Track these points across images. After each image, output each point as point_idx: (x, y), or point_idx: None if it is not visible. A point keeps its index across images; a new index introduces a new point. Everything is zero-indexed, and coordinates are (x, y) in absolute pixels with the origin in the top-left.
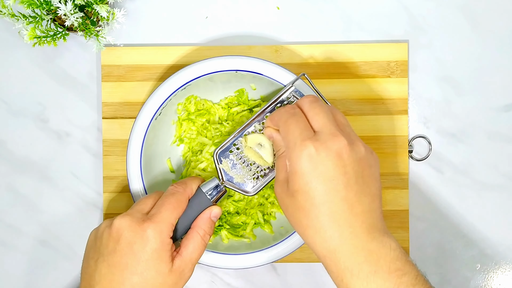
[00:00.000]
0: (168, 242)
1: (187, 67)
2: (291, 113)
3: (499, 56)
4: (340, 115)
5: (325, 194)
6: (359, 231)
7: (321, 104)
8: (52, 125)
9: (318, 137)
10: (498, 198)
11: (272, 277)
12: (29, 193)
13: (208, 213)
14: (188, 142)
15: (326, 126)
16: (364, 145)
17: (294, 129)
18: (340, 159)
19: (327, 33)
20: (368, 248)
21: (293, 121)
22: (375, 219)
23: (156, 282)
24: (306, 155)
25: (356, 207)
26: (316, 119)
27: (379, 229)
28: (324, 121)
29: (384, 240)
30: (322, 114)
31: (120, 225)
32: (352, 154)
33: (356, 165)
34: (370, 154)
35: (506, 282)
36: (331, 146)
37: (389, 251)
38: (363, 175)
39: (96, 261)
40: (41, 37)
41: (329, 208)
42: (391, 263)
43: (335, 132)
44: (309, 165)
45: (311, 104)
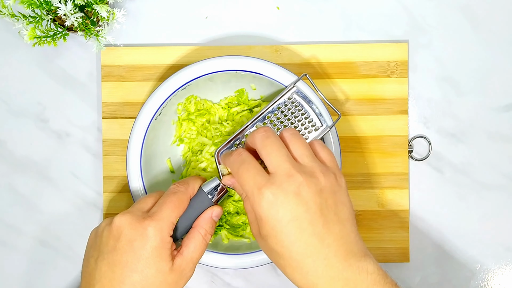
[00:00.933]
0: (168, 241)
1: (187, 67)
2: (240, 161)
3: (499, 56)
4: (297, 145)
5: (292, 234)
6: (334, 260)
7: (273, 140)
8: (52, 125)
9: (274, 180)
10: (498, 198)
11: (272, 277)
12: (29, 193)
13: (209, 213)
14: (188, 142)
15: (280, 166)
16: (324, 172)
17: (247, 178)
18: (299, 197)
19: (327, 33)
20: (344, 276)
21: (244, 170)
22: (349, 244)
23: (157, 280)
24: (265, 202)
25: (327, 238)
26: (269, 159)
27: (355, 253)
28: (278, 160)
29: (361, 265)
30: (274, 153)
31: (120, 222)
32: (311, 189)
33: (317, 197)
34: (333, 180)
35: (506, 282)
36: (287, 188)
37: (366, 276)
38: (328, 205)
39: (96, 260)
40: (41, 37)
41: (300, 247)
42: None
43: (290, 172)
44: (270, 211)
45: (263, 142)
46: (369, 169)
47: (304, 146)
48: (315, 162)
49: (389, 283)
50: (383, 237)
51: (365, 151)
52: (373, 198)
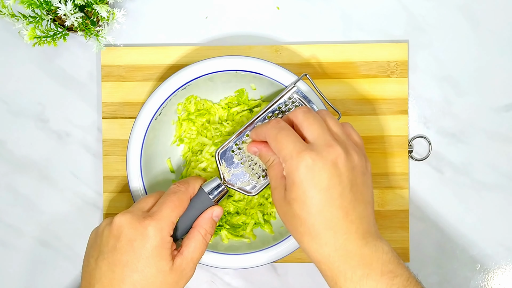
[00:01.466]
0: (169, 240)
1: (187, 67)
2: (278, 128)
3: (499, 56)
4: (333, 123)
5: (321, 203)
6: (353, 237)
7: (314, 115)
8: (52, 125)
9: (314, 148)
10: (498, 198)
11: (272, 277)
12: (29, 193)
13: (210, 213)
14: (188, 142)
15: (321, 137)
16: (358, 152)
17: (287, 143)
18: (336, 169)
19: (327, 33)
20: (361, 252)
21: (283, 135)
22: (368, 224)
23: (157, 280)
24: (303, 166)
25: (351, 214)
26: (310, 129)
27: (372, 234)
28: (319, 132)
29: (377, 244)
30: (316, 125)
31: (120, 222)
32: (347, 164)
33: (350, 174)
34: (364, 162)
35: (506, 282)
36: (326, 156)
37: (382, 255)
38: (357, 183)
39: (97, 259)
40: (41, 37)
41: (325, 217)
42: (384, 266)
43: (330, 142)
44: (306, 175)
45: (305, 115)
46: None
47: (339, 125)
48: (349, 141)
49: (402, 264)
50: (383, 237)
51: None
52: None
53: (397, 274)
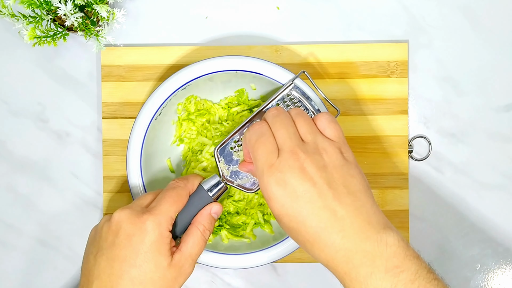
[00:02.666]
0: (167, 235)
1: (187, 67)
2: (259, 134)
3: (499, 56)
4: (302, 123)
5: (303, 209)
6: (350, 232)
7: (282, 118)
8: (52, 125)
9: (281, 158)
10: (498, 198)
11: (272, 277)
12: (29, 193)
13: (208, 209)
14: (188, 142)
15: (286, 143)
16: (328, 148)
17: (261, 154)
18: (304, 173)
19: (327, 33)
20: (362, 248)
21: (260, 144)
22: (365, 215)
23: (155, 275)
24: (273, 181)
25: (339, 211)
26: (277, 135)
27: (373, 225)
28: (284, 137)
29: (380, 237)
30: (282, 130)
31: (119, 217)
32: (315, 164)
33: (323, 172)
34: (337, 156)
35: (506, 282)
36: (292, 165)
37: (385, 249)
38: (335, 179)
39: (95, 256)
40: (41, 37)
41: (313, 220)
42: (388, 261)
43: (294, 149)
44: (278, 189)
45: (273, 119)
46: (369, 169)
47: (307, 123)
48: (318, 138)
49: (410, 255)
50: None
51: (365, 151)
52: None
53: (403, 269)
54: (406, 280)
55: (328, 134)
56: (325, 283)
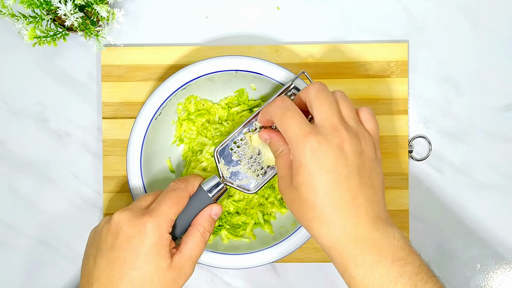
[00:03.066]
0: (167, 237)
1: (187, 67)
2: (284, 108)
3: (499, 56)
4: (345, 106)
5: (328, 185)
6: (363, 221)
7: (327, 94)
8: (52, 125)
9: (319, 131)
10: (498, 198)
11: (272, 277)
12: (29, 193)
13: (208, 211)
14: (188, 142)
15: (328, 119)
16: (366, 138)
17: (293, 125)
18: (341, 152)
19: (327, 33)
20: (372, 238)
21: (289, 116)
22: (378, 210)
23: (155, 277)
24: (309, 148)
25: (359, 198)
26: (320, 110)
27: (383, 220)
28: (327, 114)
29: (388, 230)
30: (326, 106)
31: (119, 219)
32: (353, 148)
33: (357, 158)
34: (373, 149)
35: (506, 282)
36: (331, 140)
37: (393, 241)
38: (365, 168)
39: (95, 257)
40: (41, 37)
41: (333, 199)
42: (395, 252)
43: (337, 126)
44: (312, 158)
45: (317, 93)
46: None
47: (352, 109)
48: (360, 126)
49: (413, 251)
50: None
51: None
52: None
53: (408, 261)
54: (411, 272)
55: (369, 127)
56: (325, 283)
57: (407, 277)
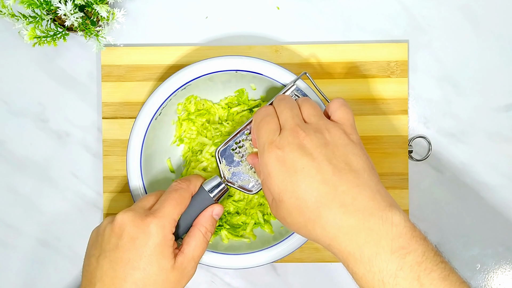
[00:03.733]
0: (171, 238)
1: (187, 67)
2: (264, 114)
3: (499, 56)
4: (306, 107)
5: (302, 183)
6: (352, 209)
7: (286, 101)
8: (52, 125)
9: (281, 136)
10: (498, 198)
11: (272, 277)
12: (29, 193)
13: (210, 211)
14: (188, 142)
15: (287, 122)
16: (332, 128)
17: (263, 132)
18: (303, 149)
19: (327, 33)
20: (367, 226)
21: (264, 123)
22: (368, 192)
23: (159, 278)
24: (273, 157)
25: (340, 186)
26: (280, 116)
27: (378, 202)
28: (286, 117)
29: (385, 214)
30: (285, 110)
31: (123, 220)
32: (314, 141)
33: (323, 149)
34: (340, 135)
35: (506, 282)
36: (292, 141)
37: (391, 228)
38: (336, 156)
39: (98, 258)
40: (41, 37)
41: (312, 195)
42: (394, 241)
43: (294, 128)
44: (277, 164)
45: (278, 102)
46: None
47: (313, 107)
48: (322, 120)
49: (416, 236)
50: None
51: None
52: None
53: (409, 250)
54: (413, 262)
55: (337, 117)
56: (325, 283)
57: (408, 269)
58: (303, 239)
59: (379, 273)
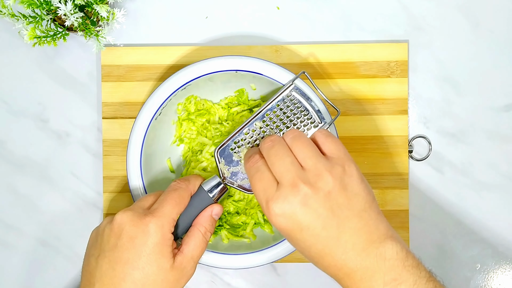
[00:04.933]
0: (170, 237)
1: (187, 67)
2: (254, 169)
3: (499, 56)
4: (298, 147)
5: (306, 241)
6: (351, 254)
7: (277, 150)
8: (52, 125)
9: (279, 193)
10: (498, 198)
11: (272, 277)
12: (29, 193)
13: (209, 211)
14: (188, 142)
15: (283, 176)
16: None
17: (258, 189)
18: (307, 208)
19: (327, 33)
20: (363, 265)
21: (256, 180)
22: (367, 234)
23: (158, 278)
24: (274, 216)
25: (343, 236)
26: (274, 169)
27: (374, 240)
28: (281, 170)
29: (379, 251)
30: (278, 162)
31: (122, 220)
32: (318, 195)
33: (327, 202)
34: (341, 176)
35: (506, 282)
36: (293, 200)
37: (384, 263)
38: (339, 204)
39: (97, 258)
40: (41, 37)
41: (317, 249)
42: (386, 275)
43: (294, 182)
44: (281, 223)
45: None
46: (369, 169)
47: (305, 147)
48: (320, 162)
49: (408, 265)
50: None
51: (365, 151)
52: None
53: (401, 281)
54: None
55: (328, 150)
56: (325, 283)
57: None
58: None
59: None
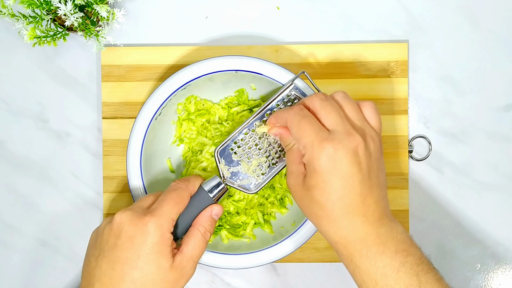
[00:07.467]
0: (169, 237)
1: (187, 67)
2: (302, 115)
3: (499, 56)
4: (350, 108)
5: (341, 190)
6: (370, 219)
7: (331, 103)
8: (52, 125)
9: (334, 137)
10: (498, 198)
11: (272, 277)
12: (29, 193)
13: (209, 211)
14: (188, 142)
15: (339, 125)
16: (374, 137)
17: (309, 131)
18: (356, 157)
19: (327, 33)
20: (377, 232)
21: (306, 122)
22: (383, 207)
23: (157, 277)
24: (325, 155)
25: (368, 199)
26: (328, 118)
27: (387, 215)
28: (337, 120)
29: (392, 225)
30: (334, 113)
31: (121, 219)
32: (365, 151)
33: (368, 161)
34: (379, 147)
35: (506, 282)
36: (347, 145)
37: (396, 235)
38: (374, 169)
39: (97, 258)
40: (41, 37)
41: (344, 202)
42: (398, 244)
43: (350, 131)
44: (328, 164)
45: (322, 103)
46: None
47: (356, 109)
48: (366, 127)
49: (414, 245)
50: None
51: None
52: None
53: (410, 252)
54: (412, 262)
55: (373, 124)
56: (325, 283)
57: (409, 266)
58: (303, 239)
59: (383, 267)
